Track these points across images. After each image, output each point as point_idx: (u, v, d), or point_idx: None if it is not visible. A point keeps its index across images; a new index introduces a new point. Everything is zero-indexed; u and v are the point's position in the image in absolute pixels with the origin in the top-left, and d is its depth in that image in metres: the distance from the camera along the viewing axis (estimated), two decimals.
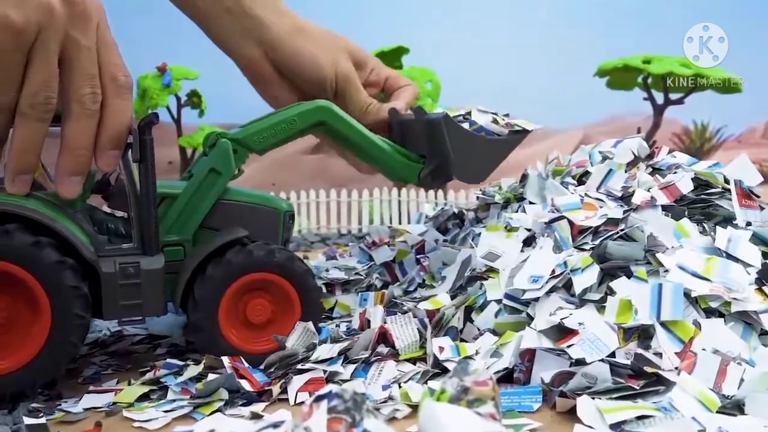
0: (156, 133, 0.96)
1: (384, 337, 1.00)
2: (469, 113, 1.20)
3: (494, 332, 0.98)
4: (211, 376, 0.90)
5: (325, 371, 0.93)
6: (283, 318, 1.02)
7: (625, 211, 1.07)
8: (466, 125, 1.17)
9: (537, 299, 0.98)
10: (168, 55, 2.38)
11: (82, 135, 0.89)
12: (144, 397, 0.91)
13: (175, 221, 1.01)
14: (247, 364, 0.95)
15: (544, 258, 1.03)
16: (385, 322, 1.02)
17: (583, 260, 0.99)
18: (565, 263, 1.00)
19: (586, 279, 0.97)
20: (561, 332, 0.90)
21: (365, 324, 1.08)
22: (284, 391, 0.89)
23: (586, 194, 1.14)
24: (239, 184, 1.07)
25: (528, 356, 0.89)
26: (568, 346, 0.87)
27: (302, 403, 0.87)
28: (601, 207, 1.10)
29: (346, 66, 1.20)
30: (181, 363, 0.98)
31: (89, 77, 0.88)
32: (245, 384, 0.89)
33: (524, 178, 1.29)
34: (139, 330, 1.19)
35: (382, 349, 0.99)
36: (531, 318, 0.97)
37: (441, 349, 0.94)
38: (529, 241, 1.12)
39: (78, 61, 0.87)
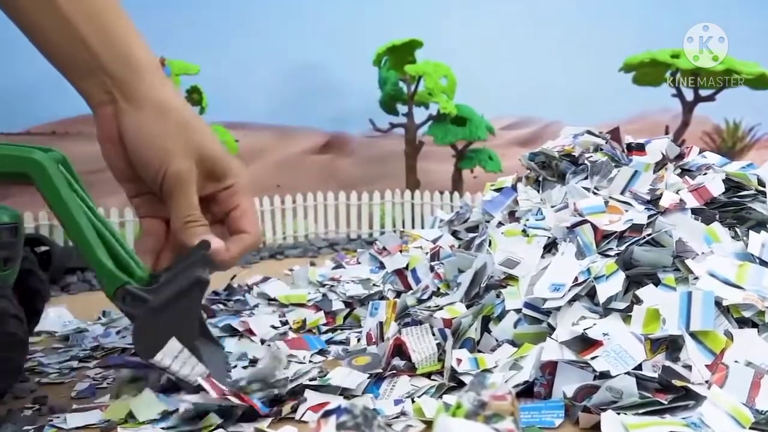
0: None
1: (399, 349, 1.00)
2: None
3: (513, 343, 0.98)
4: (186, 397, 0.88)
5: (337, 387, 0.93)
6: None
7: (651, 215, 1.07)
8: None
9: (558, 308, 0.98)
10: (167, 50, 2.38)
11: None
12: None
13: None
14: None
15: (566, 265, 1.03)
16: (400, 333, 1.02)
17: (608, 267, 0.99)
18: (588, 270, 1.00)
19: (610, 287, 0.97)
20: (584, 343, 0.90)
21: (377, 339, 1.08)
22: (294, 410, 0.89)
23: (610, 197, 1.14)
24: None
25: (549, 369, 0.89)
26: (592, 358, 0.87)
27: (306, 422, 0.87)
28: (626, 211, 1.10)
29: (182, 166, 0.99)
30: None
31: None
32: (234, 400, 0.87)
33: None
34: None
35: (398, 362, 0.99)
36: (552, 328, 0.97)
37: (459, 361, 0.94)
38: (549, 247, 1.12)
39: None
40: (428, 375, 0.97)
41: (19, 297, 1.01)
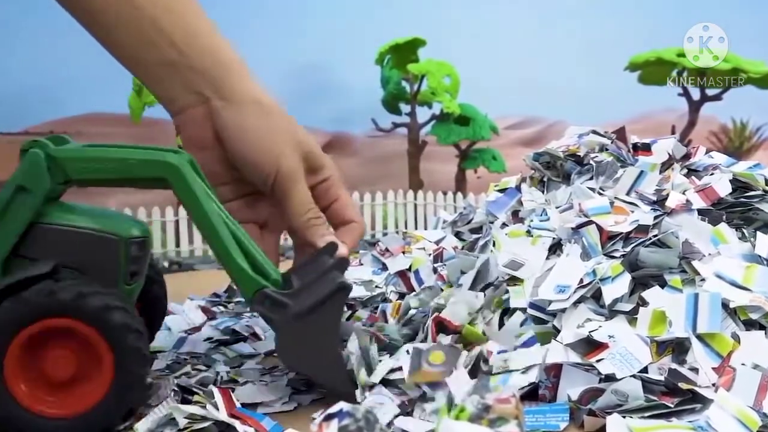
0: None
1: (442, 326, 0.99)
2: None
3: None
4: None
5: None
6: (91, 377, 0.84)
7: (656, 216, 1.07)
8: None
9: (563, 310, 0.98)
10: None
11: None
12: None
13: None
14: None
15: (571, 266, 1.03)
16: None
17: (613, 268, 0.99)
18: (593, 272, 1.00)
19: (616, 289, 0.97)
20: (589, 346, 0.90)
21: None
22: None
23: (616, 198, 1.14)
24: None
25: (554, 371, 0.89)
26: (597, 361, 0.87)
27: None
28: (632, 211, 1.10)
29: (292, 162, 1.00)
30: None
31: None
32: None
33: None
34: None
35: (444, 339, 0.98)
36: (557, 330, 0.97)
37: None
38: (554, 248, 1.11)
39: None
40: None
41: (141, 306, 1.00)
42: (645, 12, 2.92)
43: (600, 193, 1.17)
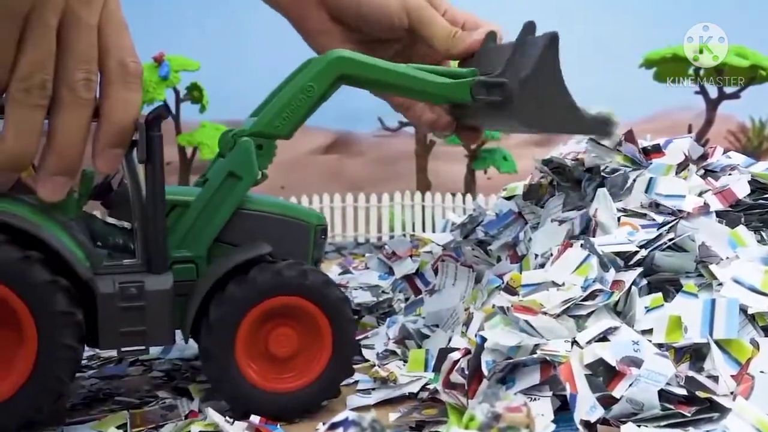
0: None
1: None
2: None
3: None
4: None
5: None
6: (310, 352, 0.95)
7: (662, 223, 1.05)
8: None
9: (589, 314, 0.95)
10: (166, 44, 2.38)
11: (72, 127, 0.83)
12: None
13: (187, 234, 0.94)
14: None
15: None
16: None
17: (654, 300, 0.97)
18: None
19: (649, 321, 0.95)
20: (610, 372, 0.87)
21: None
22: None
23: (625, 209, 1.12)
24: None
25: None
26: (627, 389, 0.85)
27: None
28: (650, 219, 1.08)
29: None
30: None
31: (85, 61, 0.83)
32: None
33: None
34: None
35: None
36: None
37: None
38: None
39: (75, 41, 0.83)
40: None
41: None
42: (659, 7, 2.92)
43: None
